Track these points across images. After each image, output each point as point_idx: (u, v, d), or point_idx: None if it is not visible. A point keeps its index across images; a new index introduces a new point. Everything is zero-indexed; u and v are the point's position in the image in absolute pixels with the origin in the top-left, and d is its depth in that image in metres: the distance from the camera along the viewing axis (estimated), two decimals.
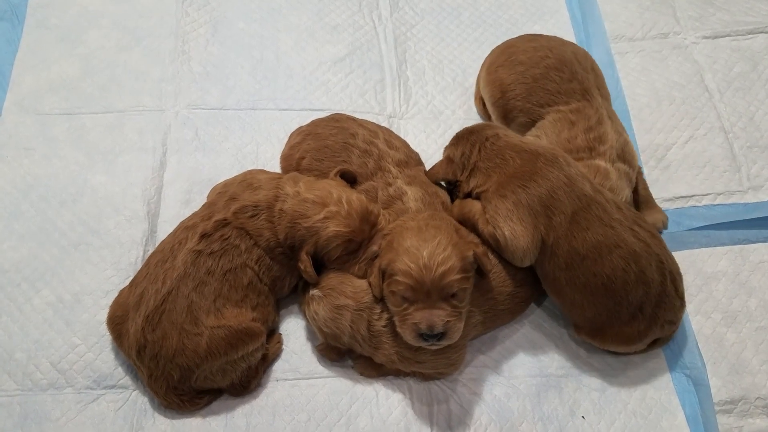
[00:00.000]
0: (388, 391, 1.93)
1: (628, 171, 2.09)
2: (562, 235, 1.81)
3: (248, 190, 1.92)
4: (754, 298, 2.11)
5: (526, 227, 1.82)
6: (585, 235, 1.80)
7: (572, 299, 1.87)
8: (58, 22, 2.69)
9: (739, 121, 2.48)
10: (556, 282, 1.87)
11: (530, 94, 2.21)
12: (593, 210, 1.82)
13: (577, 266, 1.81)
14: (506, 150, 1.93)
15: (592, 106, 2.15)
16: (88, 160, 2.32)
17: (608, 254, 1.79)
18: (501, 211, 1.85)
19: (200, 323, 1.78)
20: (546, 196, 1.83)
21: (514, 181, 1.86)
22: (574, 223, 1.81)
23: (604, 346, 1.93)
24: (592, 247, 1.79)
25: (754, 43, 2.70)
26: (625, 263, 1.79)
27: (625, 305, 1.82)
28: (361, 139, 2.11)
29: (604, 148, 2.07)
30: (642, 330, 1.86)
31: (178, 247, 1.84)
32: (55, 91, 2.49)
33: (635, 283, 1.80)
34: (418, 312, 1.72)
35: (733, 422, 1.92)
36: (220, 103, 2.49)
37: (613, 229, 1.81)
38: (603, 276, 1.80)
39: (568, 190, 1.83)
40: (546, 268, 1.87)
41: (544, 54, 2.24)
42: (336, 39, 2.70)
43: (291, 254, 1.90)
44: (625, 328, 1.86)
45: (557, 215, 1.82)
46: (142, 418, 1.87)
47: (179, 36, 2.66)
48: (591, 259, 1.80)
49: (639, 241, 1.82)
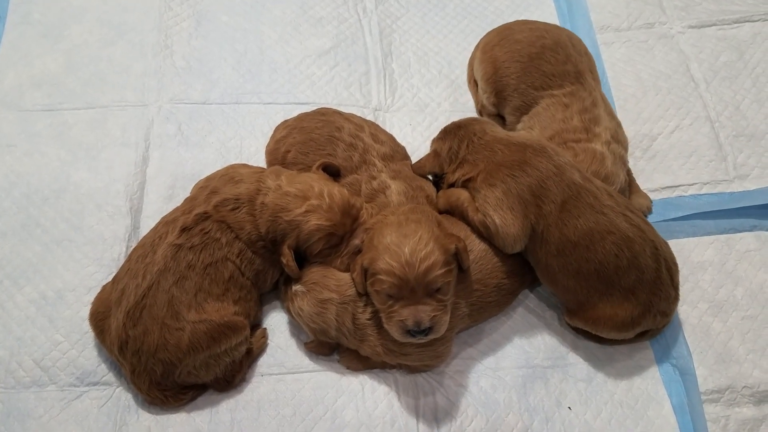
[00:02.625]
0: (374, 383, 1.92)
1: (622, 153, 2.11)
2: (553, 223, 1.82)
3: (229, 183, 1.91)
4: (741, 287, 2.11)
5: (516, 215, 1.83)
6: (576, 223, 1.80)
7: (565, 285, 1.87)
8: (40, 17, 2.66)
9: (726, 111, 2.48)
10: (549, 268, 1.87)
11: (524, 74, 2.20)
12: (584, 198, 1.82)
13: (569, 253, 1.82)
14: (494, 143, 1.93)
15: (586, 89, 2.15)
16: (70, 157, 2.30)
17: (600, 240, 1.80)
18: (490, 200, 1.86)
19: (181, 318, 1.77)
20: (535, 186, 1.83)
21: (502, 170, 1.86)
22: (564, 212, 1.81)
23: (597, 330, 1.92)
24: (584, 235, 1.80)
25: (740, 32, 2.69)
26: (618, 249, 1.80)
27: (617, 288, 1.83)
28: (346, 133, 2.10)
29: (599, 129, 2.08)
30: (635, 316, 1.85)
31: (158, 242, 1.83)
32: (37, 87, 2.47)
33: (627, 268, 1.81)
34: (403, 309, 1.71)
35: (720, 411, 1.92)
36: (203, 98, 2.48)
37: (605, 215, 1.81)
38: (595, 262, 1.80)
39: (557, 180, 1.83)
40: (538, 255, 1.88)
41: (541, 35, 2.25)
42: (320, 32, 2.68)
43: (273, 248, 1.89)
44: (618, 312, 1.85)
45: (547, 204, 1.82)
46: (125, 414, 1.86)
47: (162, 30, 2.64)
48: (583, 246, 1.80)
49: (632, 227, 1.83)
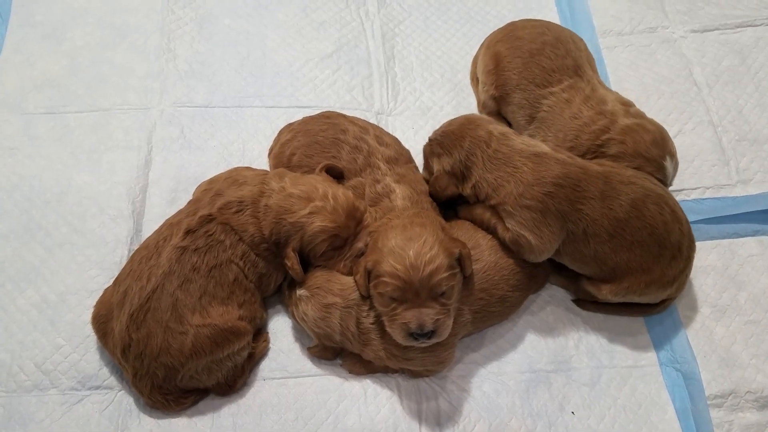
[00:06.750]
0: (376, 388, 1.92)
1: (638, 111, 2.12)
2: (599, 215, 1.86)
3: (233, 186, 1.91)
4: (744, 291, 2.12)
5: (553, 231, 1.88)
6: (620, 201, 1.87)
7: (616, 261, 1.90)
8: (42, 19, 2.66)
9: (728, 115, 2.48)
10: (597, 255, 1.90)
11: (525, 69, 2.22)
12: (612, 178, 1.89)
13: (623, 229, 1.87)
14: (513, 156, 1.92)
15: (584, 80, 2.18)
16: (72, 159, 2.30)
17: (644, 206, 1.87)
18: (526, 221, 1.88)
19: (185, 321, 1.76)
20: (571, 193, 1.87)
21: (535, 189, 1.87)
22: (606, 199, 1.87)
23: (643, 294, 1.93)
24: (630, 207, 1.86)
25: (742, 36, 2.70)
26: (659, 207, 1.88)
27: (668, 247, 1.88)
28: (351, 135, 2.09)
29: (608, 107, 2.10)
30: (679, 272, 1.92)
31: (162, 244, 1.82)
32: (39, 90, 2.47)
33: (672, 222, 1.89)
34: (407, 311, 1.70)
35: (723, 416, 1.91)
36: (206, 101, 2.47)
37: (635, 184, 1.89)
38: (648, 225, 1.87)
39: (586, 176, 1.89)
40: (583, 251, 1.91)
41: (542, 31, 2.28)
42: (323, 35, 2.68)
43: (276, 251, 1.88)
44: (667, 271, 1.90)
45: (588, 202, 1.87)
46: (127, 418, 1.85)
47: (165, 33, 2.64)
48: (634, 217, 1.87)
49: (657, 186, 1.94)
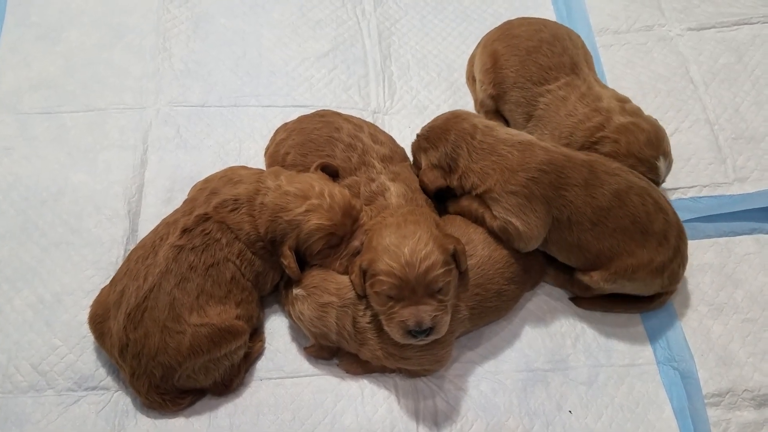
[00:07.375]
0: (373, 387, 1.91)
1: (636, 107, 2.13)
2: (582, 203, 1.89)
3: (229, 184, 1.90)
4: (741, 290, 2.12)
5: (539, 216, 1.89)
6: (603, 191, 1.89)
7: (599, 248, 1.92)
8: (38, 19, 2.65)
9: (725, 113, 2.48)
10: (581, 243, 1.92)
11: (523, 67, 2.22)
12: (597, 168, 1.91)
13: (606, 217, 1.89)
14: (498, 146, 1.94)
15: (580, 77, 2.18)
16: (68, 159, 2.29)
17: (626, 196, 1.89)
18: (512, 206, 1.89)
19: (183, 321, 1.76)
20: (555, 179, 1.89)
21: (520, 175, 1.89)
22: (589, 187, 1.89)
23: (632, 280, 1.93)
24: (613, 197, 1.89)
25: (739, 34, 2.70)
26: (641, 198, 1.90)
27: (651, 234, 1.90)
28: (345, 133, 2.09)
29: (603, 104, 2.10)
30: (668, 259, 1.92)
31: (159, 243, 1.82)
32: (35, 90, 2.46)
33: (656, 212, 1.90)
34: (404, 309, 1.70)
35: (720, 415, 1.91)
36: (201, 100, 2.47)
37: (619, 176, 1.92)
38: (630, 214, 1.89)
39: (571, 164, 1.90)
40: (567, 239, 1.93)
41: (539, 29, 2.28)
42: (319, 34, 2.67)
43: (272, 249, 1.88)
44: (655, 257, 1.90)
45: (571, 189, 1.89)
46: (124, 419, 1.85)
47: (160, 33, 2.63)
48: (616, 207, 1.89)
49: (641, 180, 1.95)
